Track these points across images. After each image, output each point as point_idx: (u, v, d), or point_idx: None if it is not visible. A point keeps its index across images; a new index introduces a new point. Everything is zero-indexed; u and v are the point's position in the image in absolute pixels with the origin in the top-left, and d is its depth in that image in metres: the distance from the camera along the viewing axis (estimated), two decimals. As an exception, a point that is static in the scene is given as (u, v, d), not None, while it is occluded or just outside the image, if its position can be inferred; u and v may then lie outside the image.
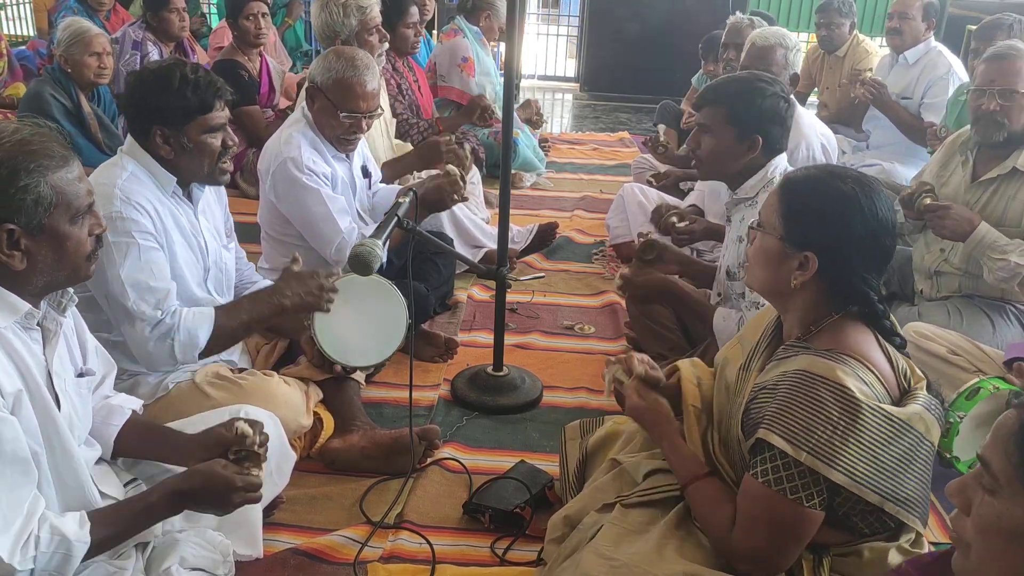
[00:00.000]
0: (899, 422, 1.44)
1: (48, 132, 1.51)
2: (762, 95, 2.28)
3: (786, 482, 1.44)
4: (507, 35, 2.68)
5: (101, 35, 4.05)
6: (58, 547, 1.40)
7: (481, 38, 5.28)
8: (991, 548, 0.98)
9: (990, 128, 2.64)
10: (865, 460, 1.41)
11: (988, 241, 2.53)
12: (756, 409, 1.54)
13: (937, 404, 1.54)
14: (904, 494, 1.45)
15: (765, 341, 1.69)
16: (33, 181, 1.42)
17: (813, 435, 1.41)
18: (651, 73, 7.96)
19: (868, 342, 1.54)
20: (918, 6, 4.31)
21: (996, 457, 0.98)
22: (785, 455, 1.43)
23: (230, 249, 2.33)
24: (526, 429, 2.63)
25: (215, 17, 7.86)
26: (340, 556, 2.01)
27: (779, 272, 1.58)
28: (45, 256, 1.47)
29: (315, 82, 2.74)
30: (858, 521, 1.50)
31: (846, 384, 1.43)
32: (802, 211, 1.56)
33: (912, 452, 1.45)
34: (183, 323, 2.02)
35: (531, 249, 3.95)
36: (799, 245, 1.55)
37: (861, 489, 1.41)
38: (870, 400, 1.43)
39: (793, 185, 1.61)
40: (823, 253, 1.53)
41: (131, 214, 1.98)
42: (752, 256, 1.66)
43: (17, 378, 1.43)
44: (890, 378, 1.52)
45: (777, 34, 3.32)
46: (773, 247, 1.59)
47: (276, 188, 2.73)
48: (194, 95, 2.00)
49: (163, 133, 2.02)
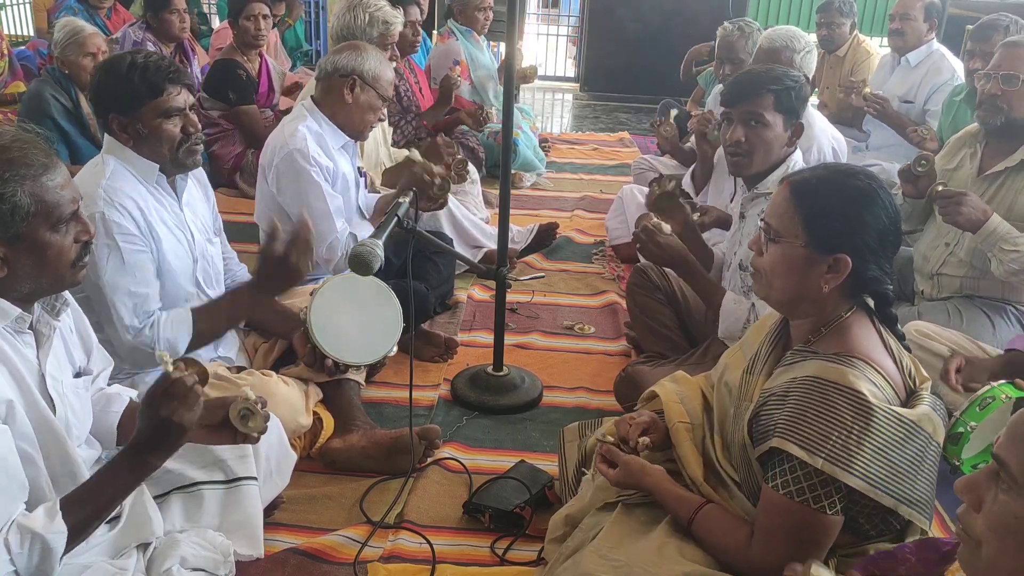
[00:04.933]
0: (910, 423, 1.43)
1: (30, 138, 1.47)
2: (800, 82, 2.32)
3: (808, 492, 1.43)
4: (507, 35, 2.68)
5: (96, 35, 4.02)
6: (32, 544, 1.37)
7: (473, 35, 5.29)
8: (1005, 547, 0.96)
9: (990, 112, 2.65)
10: (879, 463, 1.40)
11: (1001, 232, 2.52)
12: (766, 416, 1.52)
13: (941, 404, 1.54)
14: (916, 496, 1.44)
15: (769, 345, 1.67)
16: (9, 190, 1.40)
17: (828, 441, 1.40)
18: (651, 73, 7.96)
19: (874, 343, 1.53)
20: (920, 7, 4.29)
21: (1014, 457, 0.95)
22: (802, 463, 1.42)
23: (215, 244, 2.34)
24: (526, 429, 2.63)
25: (216, 18, 7.86)
26: (340, 556, 2.01)
27: (807, 279, 1.54)
28: (25, 264, 1.45)
29: (359, 75, 2.79)
30: (864, 523, 1.50)
31: (859, 388, 1.42)
32: (825, 214, 1.52)
33: (922, 453, 1.45)
34: (163, 333, 2.04)
35: (531, 249, 3.95)
36: (827, 249, 1.52)
37: (877, 493, 1.40)
38: (882, 403, 1.42)
39: (807, 188, 1.56)
40: (855, 253, 1.51)
41: (114, 216, 1.98)
42: (770, 268, 1.58)
43: (9, 384, 1.42)
44: (897, 379, 1.51)
45: (787, 35, 3.26)
46: (798, 255, 1.54)
47: (279, 180, 2.74)
48: (141, 80, 1.99)
49: (119, 121, 2.03)
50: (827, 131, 3.26)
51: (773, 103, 2.32)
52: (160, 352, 1.54)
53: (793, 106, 2.34)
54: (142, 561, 1.61)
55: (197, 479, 1.76)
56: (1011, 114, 2.62)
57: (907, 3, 4.33)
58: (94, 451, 1.68)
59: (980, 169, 2.73)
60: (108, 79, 2.02)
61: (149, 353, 2.02)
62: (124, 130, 2.03)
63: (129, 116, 2.02)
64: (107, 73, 2.03)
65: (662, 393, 1.85)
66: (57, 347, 1.58)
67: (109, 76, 2.02)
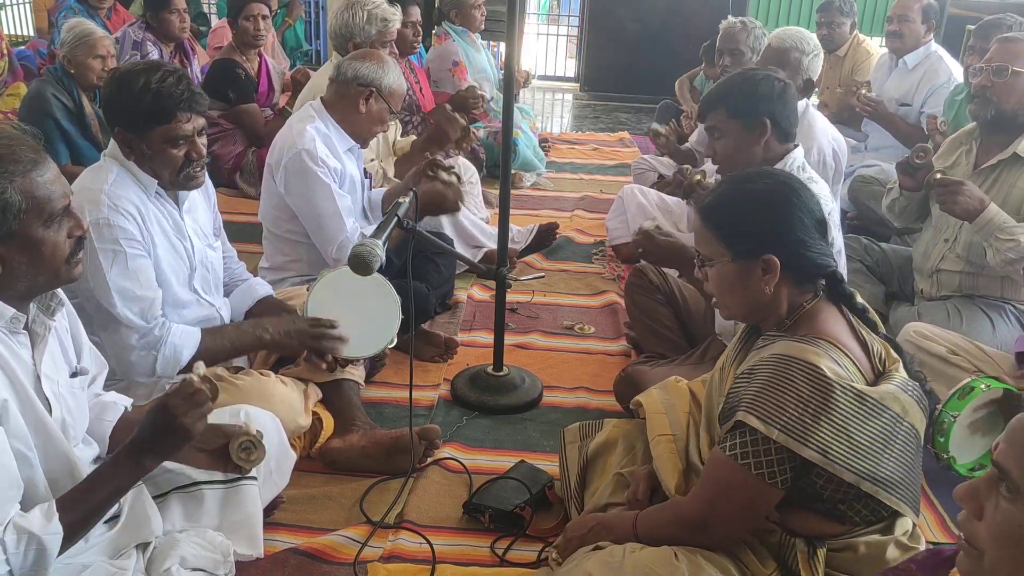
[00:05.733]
0: (872, 401, 1.47)
1: (17, 135, 1.47)
2: (754, 80, 2.33)
3: (751, 457, 1.48)
4: (507, 35, 2.68)
5: (106, 37, 4.06)
6: (28, 544, 1.37)
7: (469, 35, 5.29)
8: (1008, 556, 0.95)
9: (981, 105, 2.69)
10: (839, 439, 1.44)
11: (998, 222, 2.53)
12: (733, 394, 1.57)
13: (916, 386, 1.56)
14: (882, 474, 1.46)
15: (741, 339, 1.74)
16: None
17: (785, 413, 1.45)
18: (651, 73, 7.96)
19: (841, 327, 1.59)
20: (918, 8, 4.28)
21: (1014, 465, 0.94)
22: (762, 436, 1.46)
23: (216, 248, 2.33)
24: (526, 429, 2.63)
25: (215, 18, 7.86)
26: (340, 556, 2.01)
27: (749, 288, 1.60)
28: (20, 262, 1.44)
29: (377, 87, 2.81)
30: (846, 509, 1.52)
31: (818, 364, 1.47)
32: (735, 225, 1.61)
33: (889, 432, 1.47)
34: (171, 338, 2.04)
35: (531, 249, 3.95)
36: (752, 255, 1.58)
37: (835, 467, 1.44)
38: (842, 380, 1.46)
39: (713, 208, 1.65)
40: (777, 248, 1.57)
41: (118, 221, 1.98)
42: (716, 290, 1.67)
43: (3, 385, 1.42)
44: (863, 360, 1.56)
45: (795, 37, 3.26)
46: (729, 271, 1.62)
47: (288, 180, 2.74)
48: (154, 103, 1.95)
49: (124, 137, 2.01)
50: (827, 131, 3.25)
51: (725, 112, 2.34)
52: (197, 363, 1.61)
53: (746, 108, 2.32)
54: (142, 561, 1.61)
55: (197, 479, 1.75)
56: (1000, 106, 2.64)
57: (905, 5, 4.32)
58: (92, 450, 1.68)
59: (975, 164, 2.74)
60: (120, 94, 1.98)
61: (149, 361, 2.02)
62: (128, 145, 2.02)
63: (135, 134, 2.00)
64: (120, 88, 1.99)
65: (646, 404, 1.91)
66: (53, 347, 1.58)
67: (122, 91, 1.98)
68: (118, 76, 2.03)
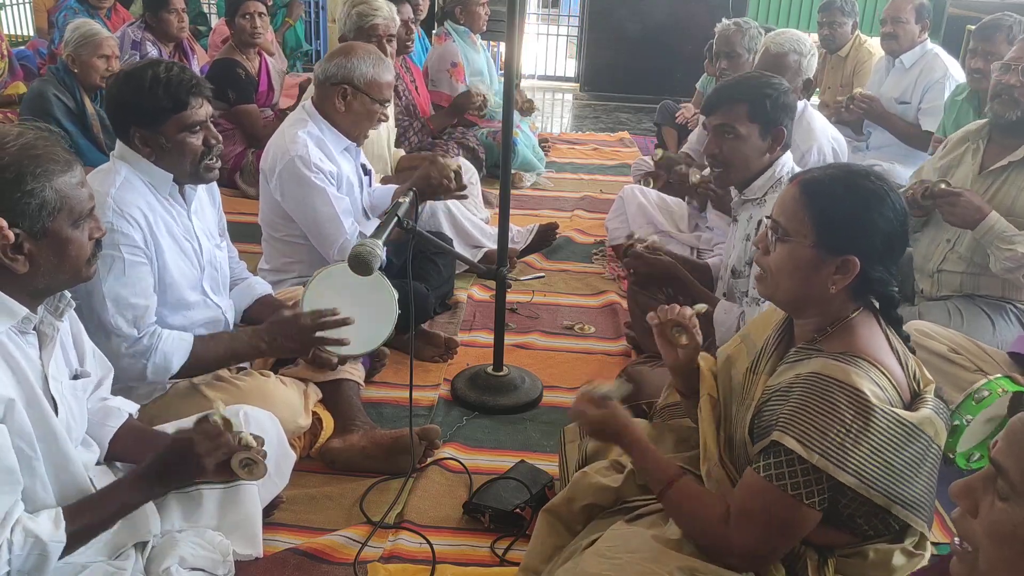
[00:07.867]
0: (910, 426, 1.43)
1: (52, 137, 1.52)
2: (779, 89, 2.30)
3: (788, 478, 1.43)
4: (507, 35, 2.68)
5: (111, 38, 4.08)
6: (32, 548, 1.40)
7: (470, 36, 5.28)
8: (1003, 556, 0.94)
9: (1006, 105, 2.64)
10: (875, 463, 1.40)
11: (997, 231, 2.52)
12: (769, 412, 1.52)
13: (944, 407, 1.53)
14: (912, 497, 1.44)
15: (774, 343, 1.66)
16: (39, 185, 1.43)
17: (826, 437, 1.40)
18: (651, 73, 7.96)
19: (879, 344, 1.52)
20: (910, 9, 4.28)
21: (1012, 463, 0.93)
22: (798, 457, 1.42)
23: (222, 248, 2.32)
24: (526, 429, 2.63)
25: (215, 18, 7.86)
26: (340, 556, 2.01)
27: (814, 279, 1.52)
28: (47, 260, 1.48)
29: (350, 83, 2.74)
30: (862, 523, 1.49)
31: (860, 387, 1.41)
32: (835, 215, 1.51)
33: (922, 456, 1.44)
34: (161, 346, 2.02)
35: (531, 249, 3.94)
36: (836, 250, 1.50)
37: (869, 491, 1.40)
38: (883, 404, 1.42)
39: (818, 188, 1.53)
40: (863, 255, 1.49)
41: (122, 226, 1.97)
42: (777, 267, 1.56)
43: (11, 384, 1.43)
44: (902, 381, 1.50)
45: (791, 39, 3.26)
46: (805, 255, 1.52)
47: (283, 187, 2.72)
48: (166, 94, 1.97)
49: (141, 134, 2.01)
50: (827, 131, 3.25)
51: (747, 114, 2.30)
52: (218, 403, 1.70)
53: (770, 115, 2.31)
54: (140, 561, 1.61)
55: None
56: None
57: (898, 6, 4.32)
58: (92, 452, 1.68)
59: (982, 166, 2.72)
60: (130, 92, 1.98)
61: (138, 368, 2.01)
62: (146, 143, 2.01)
63: (152, 130, 2.00)
64: (128, 86, 1.99)
65: (702, 362, 1.78)
66: (58, 349, 1.59)
67: (131, 89, 1.98)
68: (123, 77, 2.03)
